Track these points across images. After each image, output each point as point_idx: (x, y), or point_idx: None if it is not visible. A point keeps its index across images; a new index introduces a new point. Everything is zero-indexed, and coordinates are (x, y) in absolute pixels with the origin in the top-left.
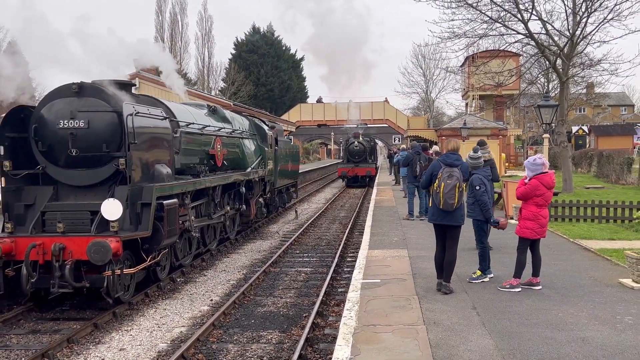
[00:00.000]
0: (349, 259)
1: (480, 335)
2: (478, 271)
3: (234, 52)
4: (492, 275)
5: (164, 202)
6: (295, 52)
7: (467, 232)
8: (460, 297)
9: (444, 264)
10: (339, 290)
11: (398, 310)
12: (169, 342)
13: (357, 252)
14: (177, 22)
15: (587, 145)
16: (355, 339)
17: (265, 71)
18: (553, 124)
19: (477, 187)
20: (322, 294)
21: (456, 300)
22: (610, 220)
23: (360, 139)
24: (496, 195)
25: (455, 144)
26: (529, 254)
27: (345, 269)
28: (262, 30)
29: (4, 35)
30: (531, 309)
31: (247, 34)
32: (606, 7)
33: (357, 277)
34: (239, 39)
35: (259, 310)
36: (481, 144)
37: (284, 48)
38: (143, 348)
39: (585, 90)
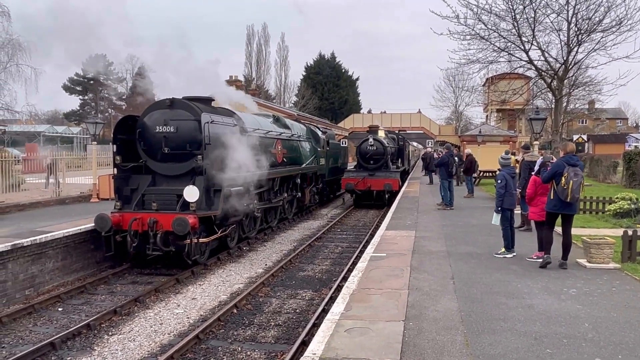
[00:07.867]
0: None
1: (450, 299)
2: (502, 248)
3: (304, 73)
4: (514, 253)
5: (232, 189)
6: (352, 73)
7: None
8: (444, 269)
9: (563, 246)
10: None
11: (391, 278)
12: (228, 295)
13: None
14: (262, 51)
15: (586, 151)
16: (351, 299)
17: (327, 88)
18: (542, 134)
19: (499, 181)
20: (349, 263)
21: (440, 272)
22: (587, 212)
23: (380, 134)
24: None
25: (572, 147)
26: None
27: None
28: (326, 56)
29: (136, 61)
30: (497, 280)
31: (315, 60)
32: (593, 40)
33: (369, 251)
34: (308, 64)
35: (300, 274)
36: (526, 147)
37: (343, 70)
38: (209, 298)
39: (587, 105)
